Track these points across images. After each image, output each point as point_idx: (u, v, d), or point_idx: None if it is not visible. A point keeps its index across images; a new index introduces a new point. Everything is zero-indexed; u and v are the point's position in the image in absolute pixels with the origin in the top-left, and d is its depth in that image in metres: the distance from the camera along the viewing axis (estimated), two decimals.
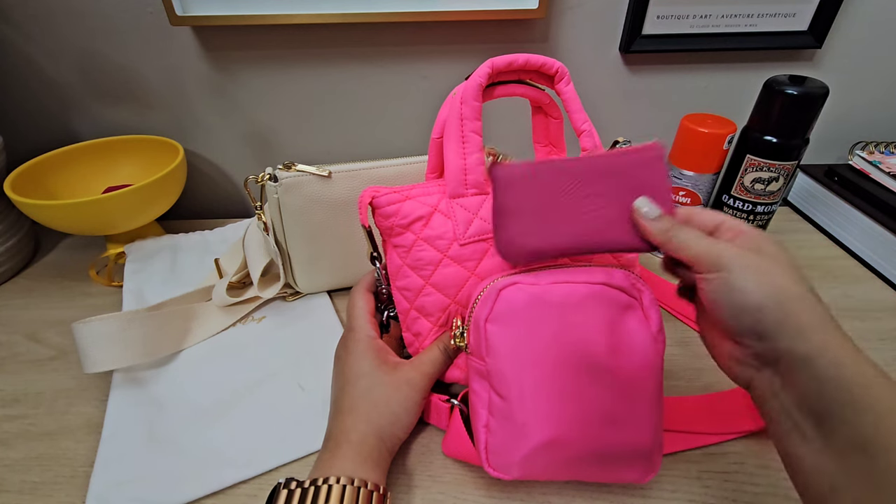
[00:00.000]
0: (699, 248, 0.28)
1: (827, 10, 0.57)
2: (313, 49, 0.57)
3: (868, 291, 0.53)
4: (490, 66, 0.35)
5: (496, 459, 0.32)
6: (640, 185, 0.30)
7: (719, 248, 0.27)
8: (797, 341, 0.24)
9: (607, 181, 0.30)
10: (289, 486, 0.29)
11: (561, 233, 0.30)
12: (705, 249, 0.27)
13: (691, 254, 0.28)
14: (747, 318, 0.26)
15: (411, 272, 0.38)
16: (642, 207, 0.30)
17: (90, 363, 0.41)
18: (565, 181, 0.30)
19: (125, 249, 0.55)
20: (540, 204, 0.30)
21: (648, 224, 0.29)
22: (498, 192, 0.31)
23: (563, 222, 0.30)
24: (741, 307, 0.26)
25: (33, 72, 0.57)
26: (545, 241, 0.30)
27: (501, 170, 0.31)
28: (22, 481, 0.36)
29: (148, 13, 0.54)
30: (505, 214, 0.31)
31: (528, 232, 0.30)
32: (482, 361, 0.33)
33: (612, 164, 0.30)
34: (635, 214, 0.30)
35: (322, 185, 0.45)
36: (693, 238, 0.28)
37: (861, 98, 0.66)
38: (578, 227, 0.30)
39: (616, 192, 0.30)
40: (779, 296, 0.25)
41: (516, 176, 0.30)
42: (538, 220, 0.30)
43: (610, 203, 0.30)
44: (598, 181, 0.30)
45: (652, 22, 0.57)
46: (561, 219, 0.30)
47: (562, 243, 0.30)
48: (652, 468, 0.32)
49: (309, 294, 0.53)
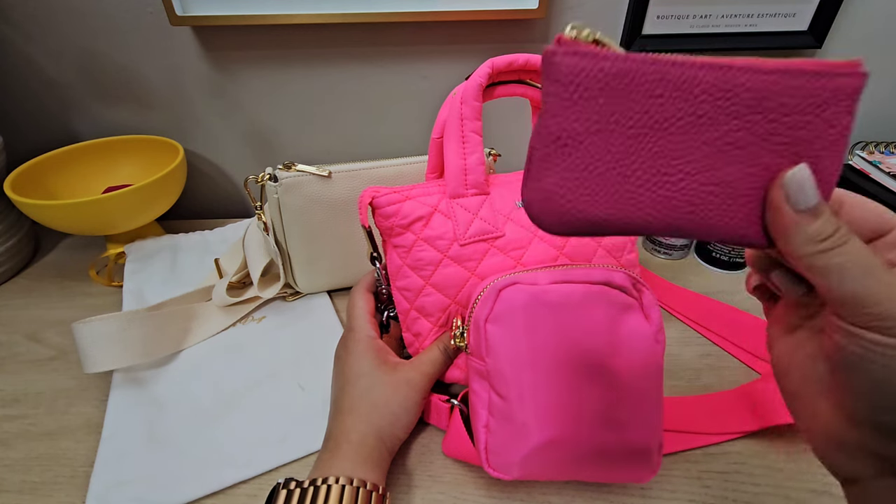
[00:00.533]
0: (873, 287, 0.17)
1: (827, 10, 0.57)
2: (313, 49, 0.57)
3: None
4: (490, 66, 0.35)
5: (496, 459, 0.32)
6: (800, 139, 0.18)
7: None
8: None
9: (749, 119, 0.17)
10: (288, 486, 0.29)
11: (642, 199, 0.18)
12: (885, 294, 0.16)
13: (850, 290, 0.17)
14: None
15: (411, 272, 0.38)
16: (793, 186, 0.17)
17: (90, 363, 0.41)
18: (679, 104, 0.17)
19: (125, 249, 0.55)
20: (624, 140, 0.18)
21: (794, 220, 0.17)
22: (553, 104, 0.17)
23: (653, 181, 0.18)
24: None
25: (33, 72, 0.57)
26: (610, 209, 0.18)
27: (574, 61, 0.17)
28: (22, 481, 0.36)
29: (148, 13, 0.54)
30: (555, 145, 0.17)
31: (586, 189, 0.18)
32: (482, 361, 0.33)
33: (767, 88, 0.17)
34: (776, 194, 0.17)
35: (322, 185, 0.45)
36: (866, 266, 0.17)
37: (861, 98, 0.65)
38: (674, 194, 0.18)
39: (755, 144, 0.18)
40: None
41: (597, 78, 0.17)
42: (612, 169, 0.18)
43: (739, 160, 0.18)
44: (732, 117, 0.17)
45: (652, 22, 0.57)
46: (651, 173, 0.18)
47: (637, 216, 0.18)
48: (652, 468, 0.32)
49: (309, 294, 0.53)
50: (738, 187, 0.18)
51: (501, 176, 0.40)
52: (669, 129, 0.18)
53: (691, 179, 0.18)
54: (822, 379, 0.20)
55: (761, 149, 0.18)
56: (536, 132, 0.18)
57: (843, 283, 0.17)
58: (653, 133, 0.18)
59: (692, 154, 0.18)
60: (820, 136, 0.18)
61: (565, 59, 0.17)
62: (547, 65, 0.17)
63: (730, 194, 0.18)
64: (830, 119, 0.17)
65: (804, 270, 0.18)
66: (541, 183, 0.18)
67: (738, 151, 0.18)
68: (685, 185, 0.18)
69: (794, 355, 0.22)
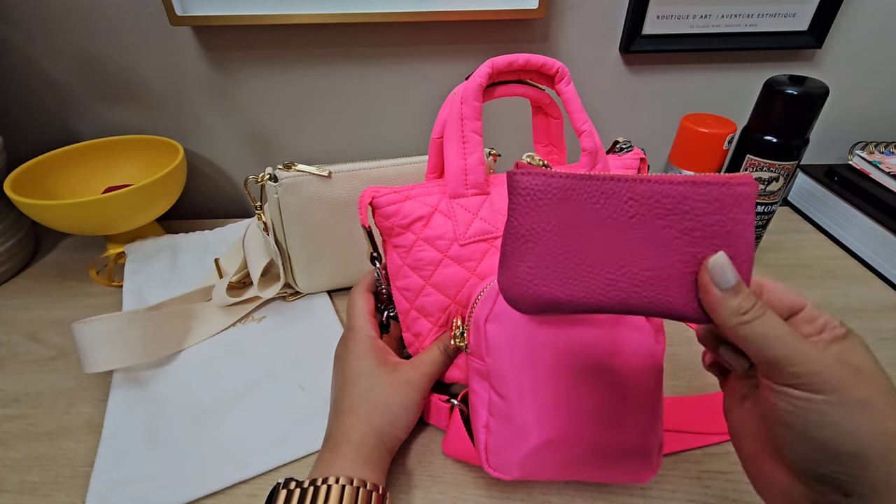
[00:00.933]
0: (787, 351, 0.20)
1: (827, 10, 0.57)
2: (313, 49, 0.57)
3: (868, 291, 0.53)
4: (490, 66, 0.35)
5: (496, 459, 0.32)
6: (714, 233, 0.22)
7: (820, 361, 0.20)
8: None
9: (670, 220, 0.22)
10: (288, 486, 0.29)
11: (593, 282, 0.22)
12: (799, 357, 0.20)
13: (770, 355, 0.20)
14: (834, 465, 0.19)
15: (411, 272, 0.38)
16: (715, 270, 0.21)
17: (90, 363, 0.41)
18: (613, 209, 0.22)
19: (125, 249, 0.55)
20: (573, 236, 0.22)
21: (719, 297, 0.21)
22: (517, 211, 0.22)
23: (600, 268, 0.22)
24: (831, 450, 0.19)
25: (33, 72, 0.57)
26: (569, 291, 0.22)
27: (527, 180, 0.22)
28: (22, 481, 0.36)
29: (148, 13, 0.54)
30: (520, 241, 0.22)
31: (547, 274, 0.22)
32: (482, 361, 0.33)
33: (681, 195, 0.22)
34: (704, 277, 0.21)
35: (322, 185, 0.45)
36: (779, 333, 0.20)
37: (861, 98, 0.66)
38: (618, 278, 0.22)
39: (679, 238, 0.22)
40: (887, 445, 0.19)
41: (547, 192, 0.22)
42: (566, 258, 0.22)
43: (668, 251, 0.22)
44: (656, 217, 0.22)
45: (652, 22, 0.57)
46: (598, 262, 0.22)
47: (591, 297, 0.22)
48: (652, 468, 0.32)
49: (309, 294, 0.53)
50: (672, 272, 0.22)
51: (501, 176, 0.40)
52: (608, 227, 0.22)
53: (632, 266, 0.22)
54: (769, 440, 0.23)
55: (686, 241, 0.22)
56: (506, 233, 0.23)
57: (764, 348, 0.20)
58: (596, 230, 0.22)
59: (629, 246, 0.22)
60: (731, 231, 0.22)
61: (523, 178, 0.22)
62: (510, 182, 0.22)
63: (665, 278, 0.22)
64: (735, 218, 0.22)
65: (736, 341, 0.21)
66: (513, 272, 0.22)
67: (666, 243, 0.22)
68: (627, 270, 0.22)
69: (745, 421, 0.25)
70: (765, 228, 0.54)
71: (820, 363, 0.20)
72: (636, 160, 0.43)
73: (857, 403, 0.19)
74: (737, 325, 0.21)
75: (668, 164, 0.55)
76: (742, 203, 0.21)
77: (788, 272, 0.56)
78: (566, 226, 0.22)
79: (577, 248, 0.22)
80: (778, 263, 0.58)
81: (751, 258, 0.22)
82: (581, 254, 0.22)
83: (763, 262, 0.58)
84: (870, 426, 0.19)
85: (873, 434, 0.19)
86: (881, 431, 0.19)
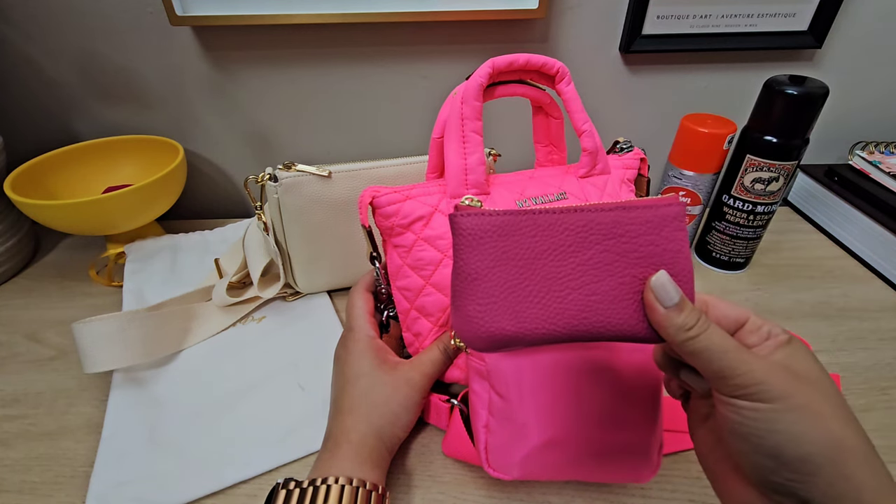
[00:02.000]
0: (732, 363, 0.20)
1: (827, 10, 0.57)
2: (313, 49, 0.57)
3: (868, 291, 0.53)
4: (491, 66, 0.35)
5: (496, 459, 0.32)
6: (651, 253, 0.23)
7: (764, 370, 0.20)
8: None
9: (607, 244, 0.23)
10: (287, 486, 0.29)
11: (542, 313, 0.22)
12: (743, 368, 0.20)
13: (717, 367, 0.21)
14: (785, 473, 0.20)
15: (412, 272, 0.38)
16: (658, 288, 0.22)
17: (90, 363, 0.41)
18: (551, 240, 0.23)
19: (125, 249, 0.55)
20: (516, 270, 0.22)
21: (664, 314, 0.21)
22: (461, 251, 0.23)
23: (546, 298, 0.22)
24: (780, 456, 0.20)
25: (33, 72, 0.57)
26: (519, 324, 0.22)
27: (467, 220, 0.23)
28: (22, 481, 0.36)
29: (148, 13, 0.54)
30: (467, 281, 0.23)
31: (496, 311, 0.22)
32: (482, 361, 0.33)
33: (613, 221, 0.23)
34: (648, 296, 0.22)
35: (322, 185, 0.45)
36: (724, 346, 0.21)
37: (861, 98, 0.66)
38: (566, 306, 0.22)
39: (618, 261, 0.23)
40: (833, 449, 0.19)
41: (487, 230, 0.22)
42: (512, 293, 0.22)
43: (609, 274, 0.23)
44: (593, 243, 0.23)
45: (652, 22, 0.57)
46: (543, 293, 0.22)
47: (542, 327, 0.22)
48: (652, 468, 0.32)
49: (309, 294, 0.53)
50: (617, 294, 0.23)
51: (501, 176, 0.40)
52: (547, 258, 0.23)
53: (577, 293, 0.23)
54: (729, 456, 0.23)
55: (625, 264, 0.23)
56: (454, 273, 0.23)
57: (711, 361, 0.21)
58: (536, 262, 0.23)
59: (570, 274, 0.23)
60: (667, 249, 0.22)
61: (462, 220, 0.23)
62: (452, 224, 0.23)
63: (611, 301, 0.23)
64: (669, 236, 0.22)
65: (685, 356, 0.22)
66: (462, 311, 0.23)
67: (606, 267, 0.23)
68: (572, 297, 0.23)
69: (708, 440, 0.25)
70: (765, 228, 0.54)
71: (762, 372, 0.20)
72: (636, 160, 0.43)
73: (800, 409, 0.20)
74: (683, 340, 0.21)
75: (668, 164, 0.55)
76: (672, 223, 0.22)
77: (788, 272, 0.56)
78: (509, 260, 0.22)
79: (521, 282, 0.23)
80: (778, 263, 0.58)
81: (691, 274, 0.23)
82: (526, 286, 0.23)
83: (763, 262, 0.58)
84: (814, 431, 0.19)
85: (818, 438, 0.19)
86: (826, 435, 0.19)
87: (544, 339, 0.23)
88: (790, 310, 0.51)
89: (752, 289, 0.54)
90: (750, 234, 0.53)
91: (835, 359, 0.45)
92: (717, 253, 0.56)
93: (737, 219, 0.53)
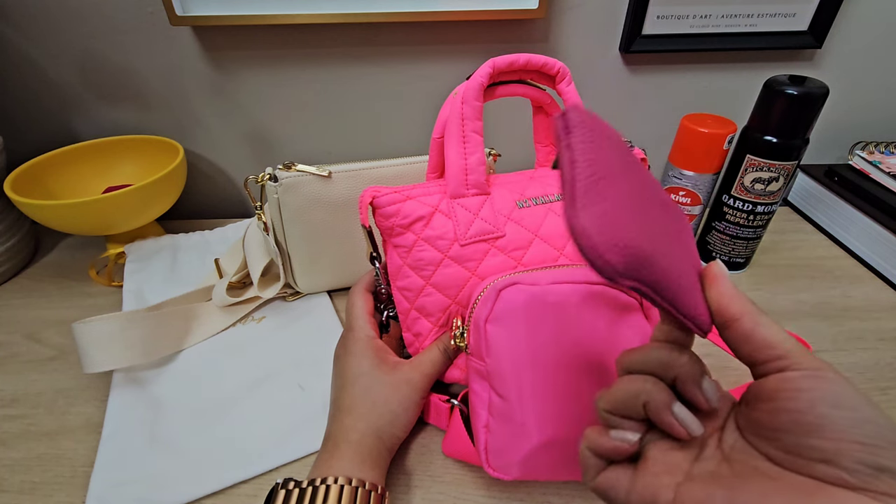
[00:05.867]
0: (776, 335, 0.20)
1: (827, 10, 0.57)
2: (313, 49, 0.57)
3: (868, 291, 0.53)
4: (491, 66, 0.35)
5: (496, 459, 0.32)
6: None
7: (799, 347, 0.20)
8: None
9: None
10: (287, 486, 0.29)
11: (665, 248, 0.19)
12: (782, 338, 0.20)
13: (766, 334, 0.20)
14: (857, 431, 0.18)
15: (412, 272, 0.38)
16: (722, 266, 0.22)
17: (90, 363, 0.41)
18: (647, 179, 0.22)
19: (125, 249, 0.55)
20: (626, 187, 0.19)
21: (726, 282, 0.22)
22: (580, 143, 0.18)
23: (659, 231, 0.20)
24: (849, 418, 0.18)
25: (33, 72, 0.57)
26: (653, 246, 0.19)
27: (585, 116, 0.19)
28: (22, 481, 0.36)
29: (148, 13, 0.54)
30: (595, 178, 0.18)
31: (628, 223, 0.18)
32: (482, 362, 0.33)
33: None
34: (714, 268, 0.22)
35: (322, 185, 0.45)
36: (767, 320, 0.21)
37: (861, 98, 0.66)
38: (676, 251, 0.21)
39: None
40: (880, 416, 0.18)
41: (601, 133, 0.19)
42: (632, 209, 0.19)
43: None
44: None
45: (652, 22, 0.57)
46: (654, 225, 0.20)
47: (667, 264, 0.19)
48: None
49: (309, 294, 0.53)
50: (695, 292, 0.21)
51: (502, 176, 0.40)
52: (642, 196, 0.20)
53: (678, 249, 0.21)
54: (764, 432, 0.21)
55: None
56: (570, 167, 0.18)
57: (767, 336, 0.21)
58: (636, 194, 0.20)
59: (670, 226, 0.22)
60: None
61: (578, 116, 0.18)
62: (563, 120, 0.18)
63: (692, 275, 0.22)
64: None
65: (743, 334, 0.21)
66: (597, 207, 0.17)
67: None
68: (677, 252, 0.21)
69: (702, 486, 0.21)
70: (765, 228, 0.54)
71: (792, 342, 0.20)
72: None
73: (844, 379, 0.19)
74: (749, 312, 0.21)
75: (668, 164, 0.55)
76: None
77: (788, 272, 0.56)
78: (617, 170, 0.19)
79: (634, 201, 0.19)
80: (778, 263, 0.58)
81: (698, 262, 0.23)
82: (639, 209, 0.19)
83: (763, 262, 0.58)
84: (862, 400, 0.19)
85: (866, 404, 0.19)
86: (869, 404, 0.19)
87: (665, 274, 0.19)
88: (790, 310, 0.51)
89: (753, 289, 0.54)
90: (750, 234, 0.53)
91: (835, 359, 0.45)
92: (717, 253, 0.56)
93: (737, 219, 0.53)
